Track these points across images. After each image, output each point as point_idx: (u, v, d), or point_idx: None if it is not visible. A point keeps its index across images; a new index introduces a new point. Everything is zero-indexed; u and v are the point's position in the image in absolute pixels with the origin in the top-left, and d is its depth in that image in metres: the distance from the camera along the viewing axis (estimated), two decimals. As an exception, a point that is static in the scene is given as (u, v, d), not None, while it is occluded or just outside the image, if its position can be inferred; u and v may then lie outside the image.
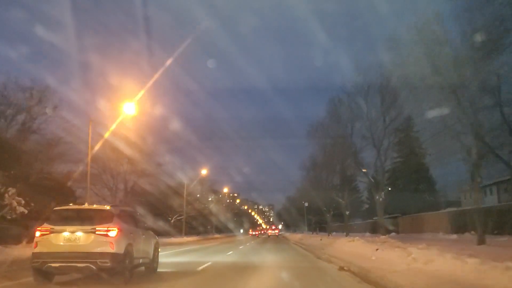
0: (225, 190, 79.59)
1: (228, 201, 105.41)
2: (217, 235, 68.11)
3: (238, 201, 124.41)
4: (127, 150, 33.01)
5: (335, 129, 33.72)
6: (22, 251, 15.87)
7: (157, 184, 43.21)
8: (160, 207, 45.03)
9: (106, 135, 21.34)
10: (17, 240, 19.87)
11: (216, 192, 79.92)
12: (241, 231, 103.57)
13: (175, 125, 43.12)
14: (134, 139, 33.30)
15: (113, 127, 20.79)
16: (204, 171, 52.91)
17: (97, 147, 21.17)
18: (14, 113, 24.71)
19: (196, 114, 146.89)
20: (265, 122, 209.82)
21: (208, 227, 71.47)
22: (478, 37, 15.29)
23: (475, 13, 15.74)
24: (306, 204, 45.55)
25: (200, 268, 13.32)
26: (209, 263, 14.86)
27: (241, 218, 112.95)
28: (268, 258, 18.33)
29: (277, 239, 59.57)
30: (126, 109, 19.11)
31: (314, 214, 61.31)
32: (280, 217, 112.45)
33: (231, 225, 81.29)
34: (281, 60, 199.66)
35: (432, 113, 18.22)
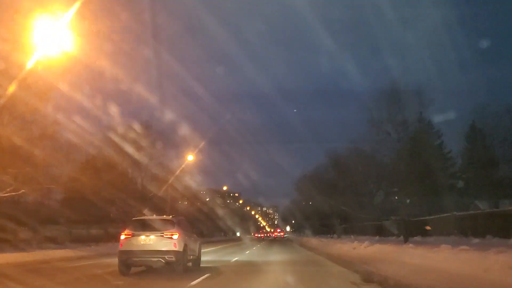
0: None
1: (228, 201, 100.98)
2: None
3: (236, 198, 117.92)
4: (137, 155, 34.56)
5: None
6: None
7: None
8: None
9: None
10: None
11: (218, 192, 79.88)
12: (238, 233, 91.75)
13: (183, 129, 45.07)
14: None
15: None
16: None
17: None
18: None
19: (203, 118, 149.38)
20: (271, 126, 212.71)
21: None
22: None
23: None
24: None
25: None
26: None
27: (243, 220, 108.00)
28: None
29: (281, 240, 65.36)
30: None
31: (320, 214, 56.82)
32: (289, 216, 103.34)
33: (226, 228, 76.28)
34: (288, 66, 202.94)
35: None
